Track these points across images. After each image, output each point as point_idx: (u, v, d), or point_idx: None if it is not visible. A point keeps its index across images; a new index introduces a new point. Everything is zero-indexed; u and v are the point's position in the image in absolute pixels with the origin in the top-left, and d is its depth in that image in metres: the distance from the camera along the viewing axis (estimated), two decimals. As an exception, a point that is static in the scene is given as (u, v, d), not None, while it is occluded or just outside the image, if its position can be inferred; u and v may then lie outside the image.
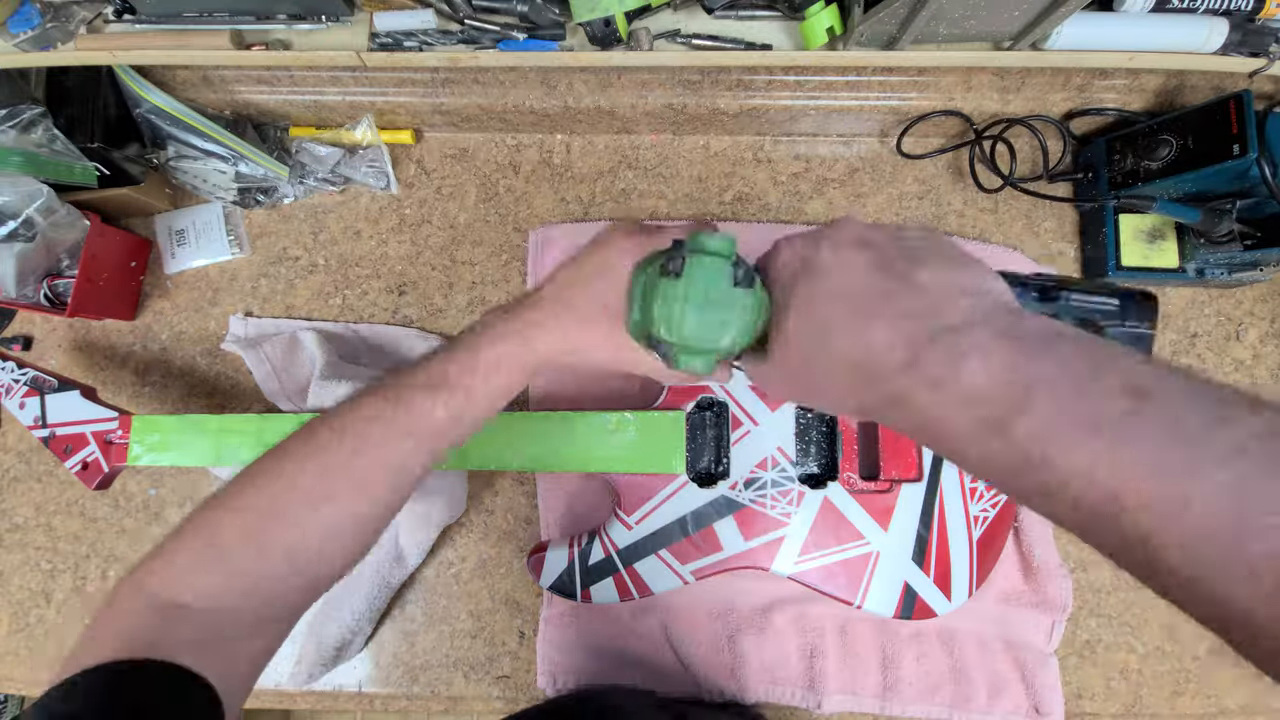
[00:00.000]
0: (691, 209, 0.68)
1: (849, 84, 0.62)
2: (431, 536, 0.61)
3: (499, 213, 0.69)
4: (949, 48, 0.53)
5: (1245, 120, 0.52)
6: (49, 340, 0.69)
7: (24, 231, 0.60)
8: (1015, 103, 0.63)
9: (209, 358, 0.68)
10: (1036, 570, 0.59)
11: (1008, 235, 0.67)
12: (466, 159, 0.70)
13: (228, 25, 0.54)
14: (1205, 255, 0.60)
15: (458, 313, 0.67)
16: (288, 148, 0.69)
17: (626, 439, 0.55)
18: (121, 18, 0.55)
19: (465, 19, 0.54)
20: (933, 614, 0.55)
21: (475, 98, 0.64)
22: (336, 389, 0.59)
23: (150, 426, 0.57)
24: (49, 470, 0.67)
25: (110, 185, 0.63)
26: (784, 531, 0.55)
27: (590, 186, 0.69)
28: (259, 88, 0.65)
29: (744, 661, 0.59)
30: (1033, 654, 0.59)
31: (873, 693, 0.59)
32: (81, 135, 0.59)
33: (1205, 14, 0.50)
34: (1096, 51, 0.52)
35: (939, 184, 0.68)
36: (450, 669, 0.62)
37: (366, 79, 0.64)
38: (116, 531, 0.66)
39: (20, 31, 0.53)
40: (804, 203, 0.68)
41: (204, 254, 0.69)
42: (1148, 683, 0.61)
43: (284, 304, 0.68)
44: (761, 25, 0.54)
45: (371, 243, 0.69)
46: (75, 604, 0.65)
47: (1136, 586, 0.61)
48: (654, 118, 0.66)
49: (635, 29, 0.53)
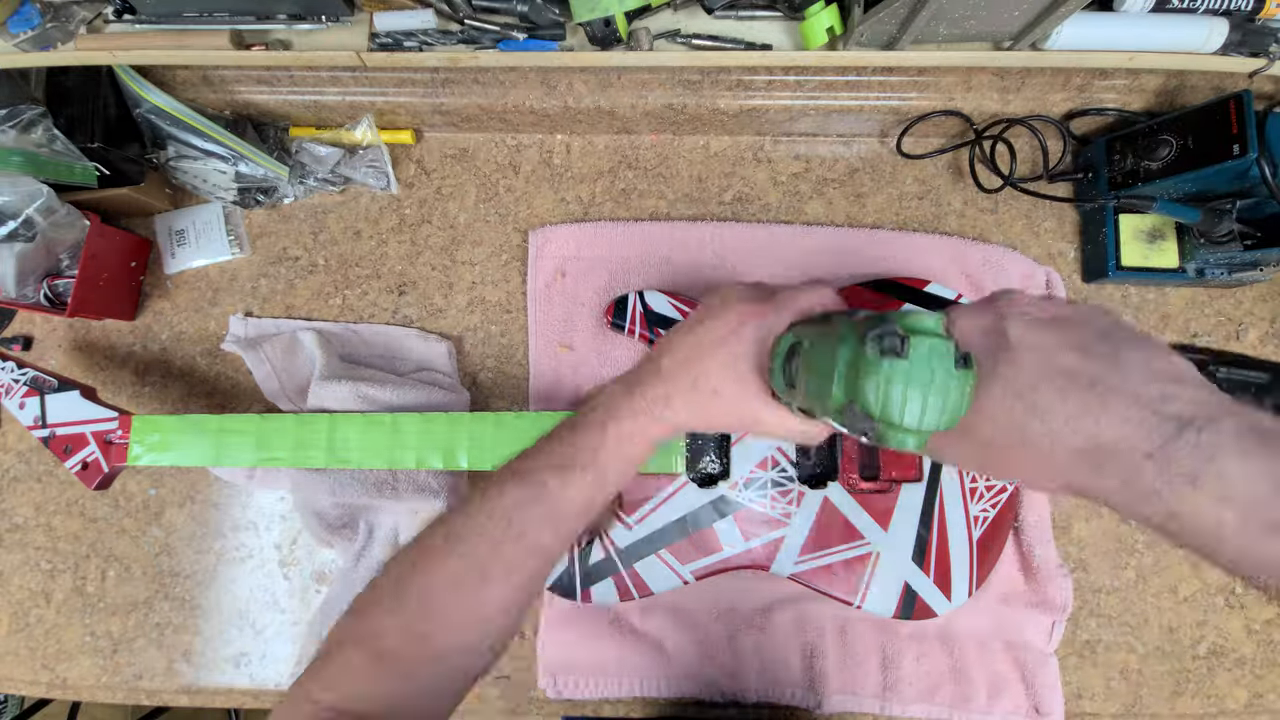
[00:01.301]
0: (691, 209, 0.68)
1: (849, 84, 0.62)
2: (431, 536, 0.61)
3: (499, 213, 0.69)
4: (949, 48, 0.53)
5: (1245, 120, 0.52)
6: (49, 340, 0.69)
7: (24, 231, 0.60)
8: (1015, 103, 0.63)
9: (209, 358, 0.68)
10: (1036, 570, 0.59)
11: (1008, 235, 0.67)
12: (466, 159, 0.70)
13: (228, 25, 0.54)
14: (1205, 255, 0.60)
15: (458, 313, 0.67)
16: (288, 148, 0.69)
17: (626, 439, 0.55)
18: (121, 18, 0.55)
19: (465, 19, 0.54)
20: (933, 614, 0.55)
21: (475, 98, 0.64)
22: (337, 389, 0.59)
23: (150, 426, 0.57)
24: (49, 470, 0.67)
25: (110, 185, 0.63)
26: (784, 531, 0.55)
27: (590, 186, 0.69)
28: (259, 88, 0.65)
29: (744, 661, 0.59)
30: (1033, 654, 0.59)
31: (873, 693, 0.59)
32: (81, 135, 0.59)
33: (1205, 14, 0.50)
34: (1096, 51, 0.52)
35: (939, 184, 0.68)
36: (450, 669, 0.62)
37: (366, 79, 0.64)
38: (116, 531, 0.66)
39: (20, 31, 0.53)
40: (804, 203, 0.68)
41: (204, 254, 0.69)
42: (1148, 683, 0.61)
43: (284, 304, 0.68)
44: (761, 25, 0.54)
45: (371, 243, 0.69)
46: (75, 604, 0.65)
47: (1136, 586, 0.62)
48: (654, 118, 0.66)
49: (635, 29, 0.53)
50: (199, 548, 0.65)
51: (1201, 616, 0.61)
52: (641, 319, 0.59)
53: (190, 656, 0.64)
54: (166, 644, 0.64)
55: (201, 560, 0.65)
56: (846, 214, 0.68)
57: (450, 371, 0.65)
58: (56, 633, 0.65)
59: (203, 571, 0.65)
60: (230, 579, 0.65)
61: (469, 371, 0.67)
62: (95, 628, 0.65)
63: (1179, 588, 0.62)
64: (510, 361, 0.67)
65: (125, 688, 0.64)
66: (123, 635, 0.64)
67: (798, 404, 0.35)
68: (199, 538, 0.66)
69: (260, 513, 0.66)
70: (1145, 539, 0.62)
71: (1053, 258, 0.66)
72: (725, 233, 0.66)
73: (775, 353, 0.36)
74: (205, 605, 0.65)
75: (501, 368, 0.67)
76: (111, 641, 0.64)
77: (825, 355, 0.32)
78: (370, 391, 0.60)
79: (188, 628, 0.64)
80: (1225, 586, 0.62)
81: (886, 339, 0.29)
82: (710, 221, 0.67)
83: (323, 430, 0.56)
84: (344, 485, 0.58)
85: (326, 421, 0.57)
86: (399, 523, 0.62)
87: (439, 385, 0.64)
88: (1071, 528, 0.63)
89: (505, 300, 0.67)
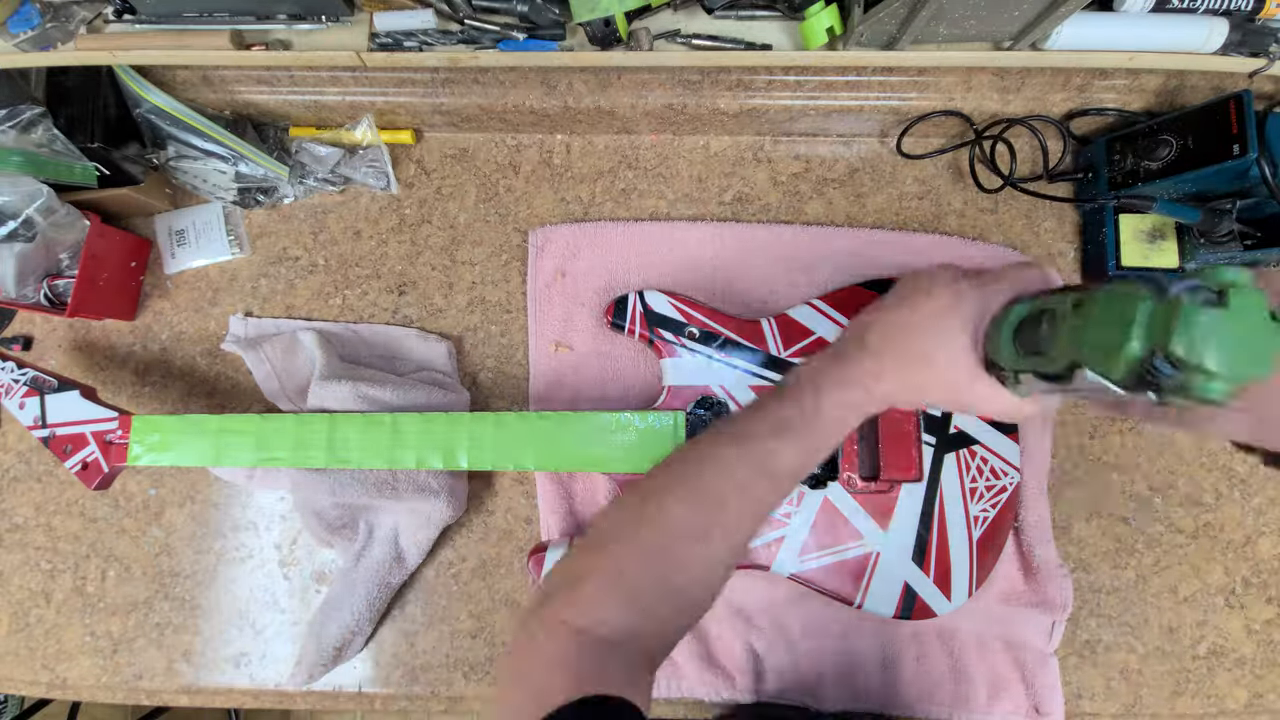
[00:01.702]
0: (691, 209, 0.68)
1: (849, 84, 0.62)
2: (431, 536, 0.61)
3: (499, 213, 0.69)
4: (949, 48, 0.53)
5: (1245, 120, 0.52)
6: (49, 340, 0.69)
7: (24, 231, 0.60)
8: (1015, 103, 0.63)
9: (209, 358, 0.68)
10: (1036, 570, 0.59)
11: (1008, 235, 0.67)
12: (466, 159, 0.70)
13: (228, 25, 0.54)
14: (1205, 255, 0.60)
15: (458, 313, 0.67)
16: (288, 148, 0.69)
17: (626, 439, 0.55)
18: (121, 18, 0.55)
19: (465, 19, 0.54)
20: (933, 614, 0.55)
21: (475, 98, 0.64)
22: (337, 389, 0.59)
23: (150, 426, 0.57)
24: (49, 470, 0.67)
25: (110, 185, 0.63)
26: (784, 531, 0.55)
27: (590, 186, 0.69)
28: (259, 88, 0.65)
29: (744, 663, 0.59)
30: (1033, 654, 0.59)
31: (873, 693, 0.59)
32: (81, 135, 0.59)
33: (1205, 14, 0.50)
34: (1096, 51, 0.52)
35: (939, 184, 0.68)
36: (450, 669, 0.62)
37: (366, 79, 0.64)
38: (116, 531, 0.66)
39: (20, 31, 0.53)
40: (804, 203, 0.68)
41: (204, 254, 0.69)
42: (1148, 683, 0.61)
43: (284, 304, 0.68)
44: (761, 25, 0.54)
45: (371, 243, 0.69)
46: (75, 604, 0.65)
47: (1136, 586, 0.62)
48: (654, 118, 0.66)
49: (635, 29, 0.53)
50: (199, 548, 0.65)
51: (1201, 616, 0.61)
52: (641, 319, 0.59)
53: (190, 656, 0.64)
54: (166, 644, 0.64)
55: (201, 560, 0.65)
56: (846, 214, 0.68)
57: (450, 371, 0.65)
58: (56, 633, 0.65)
59: (203, 571, 0.65)
60: (230, 579, 0.65)
61: (469, 371, 0.67)
62: (95, 628, 0.65)
63: (1179, 588, 0.62)
64: (510, 361, 0.67)
65: (125, 688, 0.64)
66: (123, 635, 0.64)
67: (1037, 369, 0.37)
68: (199, 538, 0.66)
69: (260, 513, 0.66)
70: (1145, 539, 0.62)
71: (1053, 258, 0.66)
72: (725, 233, 0.66)
73: (1003, 323, 0.38)
74: (205, 605, 0.65)
75: (501, 368, 0.67)
76: (111, 641, 0.64)
77: (1112, 313, 0.33)
78: (370, 391, 0.60)
79: (188, 628, 0.64)
80: (1225, 586, 0.62)
81: (1203, 291, 0.31)
82: (710, 221, 0.67)
83: (323, 430, 0.56)
84: (344, 485, 0.58)
85: (326, 421, 0.57)
86: (399, 523, 0.62)
87: (439, 385, 0.64)
88: (1071, 528, 0.63)
89: (505, 300, 0.67)
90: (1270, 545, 0.62)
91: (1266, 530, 0.62)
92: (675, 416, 0.56)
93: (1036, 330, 0.37)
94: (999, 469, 0.58)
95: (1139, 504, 0.63)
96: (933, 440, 0.57)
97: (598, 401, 0.64)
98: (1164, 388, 0.31)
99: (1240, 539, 0.62)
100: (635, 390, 0.64)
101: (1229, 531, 0.62)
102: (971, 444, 0.58)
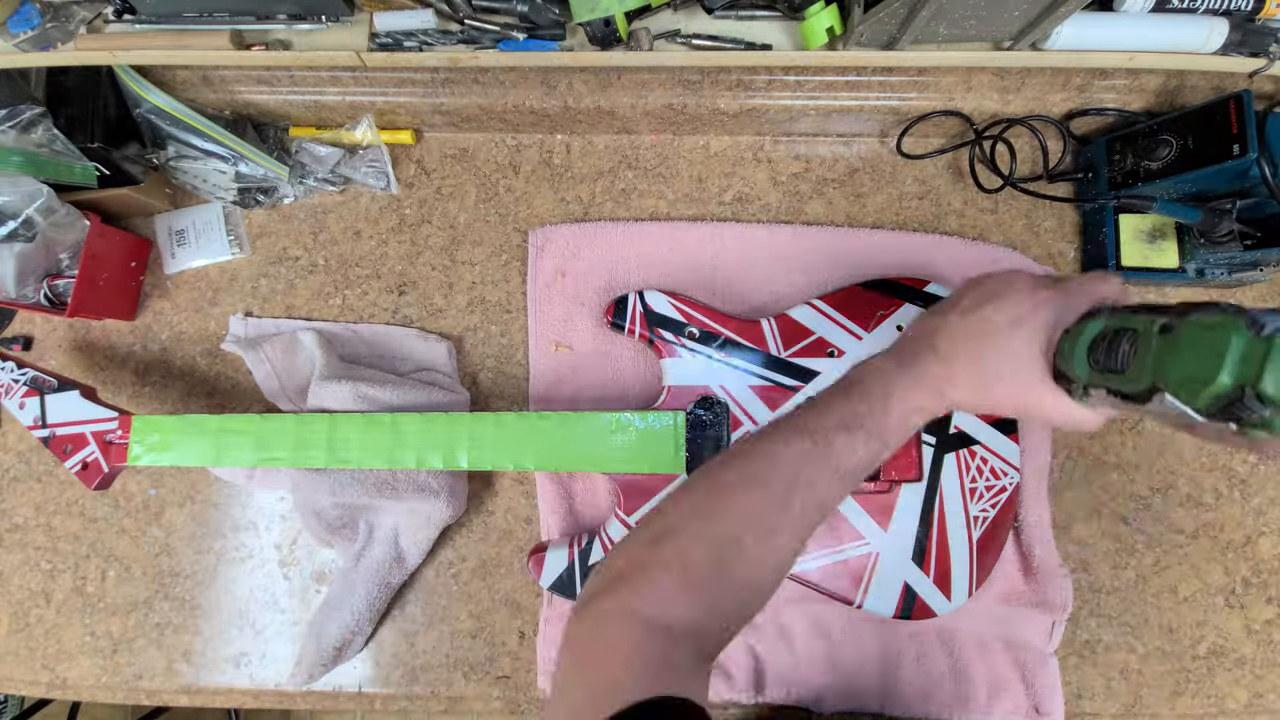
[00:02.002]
0: (691, 209, 0.68)
1: (849, 84, 0.62)
2: (431, 536, 0.61)
3: (499, 213, 0.69)
4: (949, 48, 0.53)
5: (1245, 120, 0.52)
6: (49, 340, 0.69)
7: (24, 231, 0.60)
8: (1015, 103, 0.63)
9: (209, 358, 0.68)
10: (1036, 570, 0.59)
11: (1008, 235, 0.67)
12: (466, 159, 0.70)
13: (228, 25, 0.54)
14: (1205, 255, 0.60)
15: (458, 313, 0.67)
16: (288, 148, 0.69)
17: (626, 439, 0.55)
18: (121, 18, 0.55)
19: (465, 19, 0.54)
20: (933, 614, 0.55)
21: (475, 98, 0.64)
22: (337, 389, 0.59)
23: (150, 426, 0.57)
24: (49, 470, 0.67)
25: (110, 185, 0.63)
26: (784, 531, 0.55)
27: (590, 186, 0.69)
28: (259, 88, 0.65)
29: (743, 662, 0.59)
30: (1033, 654, 0.59)
31: (873, 693, 0.59)
32: (81, 135, 0.59)
33: (1205, 14, 0.50)
34: (1096, 51, 0.52)
35: (939, 184, 0.68)
36: (450, 669, 0.62)
37: (366, 79, 0.64)
38: (116, 531, 0.66)
39: (20, 31, 0.53)
40: (804, 203, 0.68)
41: (204, 254, 0.69)
42: (1148, 683, 0.61)
43: (284, 304, 0.68)
44: (761, 25, 0.54)
45: (371, 243, 0.69)
46: (75, 604, 0.65)
47: (1136, 586, 0.62)
48: (654, 118, 0.66)
49: (635, 29, 0.53)
50: (199, 548, 0.65)
51: (1201, 616, 0.61)
52: (641, 319, 0.59)
53: (190, 656, 0.64)
54: (166, 644, 0.64)
55: (201, 560, 0.65)
56: (846, 214, 0.68)
57: (450, 371, 0.65)
58: (56, 633, 0.65)
59: (203, 571, 0.65)
60: (230, 579, 0.65)
61: (469, 371, 0.67)
62: (95, 628, 0.65)
63: (1179, 588, 0.62)
64: (510, 361, 0.67)
65: (125, 688, 0.64)
66: (123, 635, 0.64)
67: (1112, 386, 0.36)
68: (199, 538, 0.66)
69: (260, 513, 0.66)
70: (1145, 539, 0.62)
71: (1053, 258, 0.66)
72: (725, 233, 0.66)
73: (1078, 337, 0.38)
74: (205, 605, 0.65)
75: (501, 368, 0.67)
76: (111, 641, 0.64)
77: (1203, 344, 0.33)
78: (370, 391, 0.60)
79: (188, 628, 0.64)
80: (1225, 586, 0.62)
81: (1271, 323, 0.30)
82: (710, 221, 0.67)
83: (323, 430, 0.56)
84: (344, 485, 0.58)
85: (326, 421, 0.57)
86: (399, 523, 0.62)
87: (439, 385, 0.64)
88: (1071, 528, 0.63)
89: (505, 300, 0.67)
90: (1270, 545, 0.62)
91: (1266, 530, 0.62)
92: (675, 416, 0.56)
93: (1115, 348, 0.36)
94: (999, 469, 0.58)
95: (1139, 504, 0.63)
96: (932, 440, 0.57)
97: (598, 401, 0.64)
98: (1247, 421, 0.31)
99: (1240, 539, 0.62)
100: (635, 390, 0.64)
101: (1229, 531, 0.62)
102: (971, 444, 0.58)
